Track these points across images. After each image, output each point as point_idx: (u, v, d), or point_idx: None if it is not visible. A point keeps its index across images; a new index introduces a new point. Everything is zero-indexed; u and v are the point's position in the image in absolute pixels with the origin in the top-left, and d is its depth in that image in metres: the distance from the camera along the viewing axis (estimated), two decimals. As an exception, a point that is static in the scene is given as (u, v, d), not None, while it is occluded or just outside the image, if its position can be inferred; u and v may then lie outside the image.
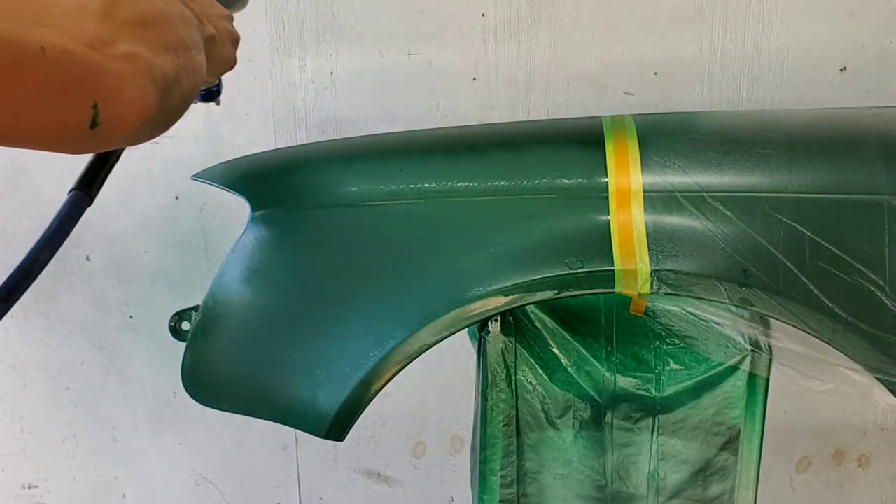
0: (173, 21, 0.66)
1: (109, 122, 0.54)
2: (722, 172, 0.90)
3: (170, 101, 0.62)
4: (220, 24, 0.89)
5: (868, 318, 0.86)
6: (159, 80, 0.59)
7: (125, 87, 0.55)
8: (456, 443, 1.71)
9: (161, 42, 0.61)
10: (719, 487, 1.04)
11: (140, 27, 0.59)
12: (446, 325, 0.93)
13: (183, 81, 0.65)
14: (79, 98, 0.52)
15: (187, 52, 0.67)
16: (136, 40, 0.57)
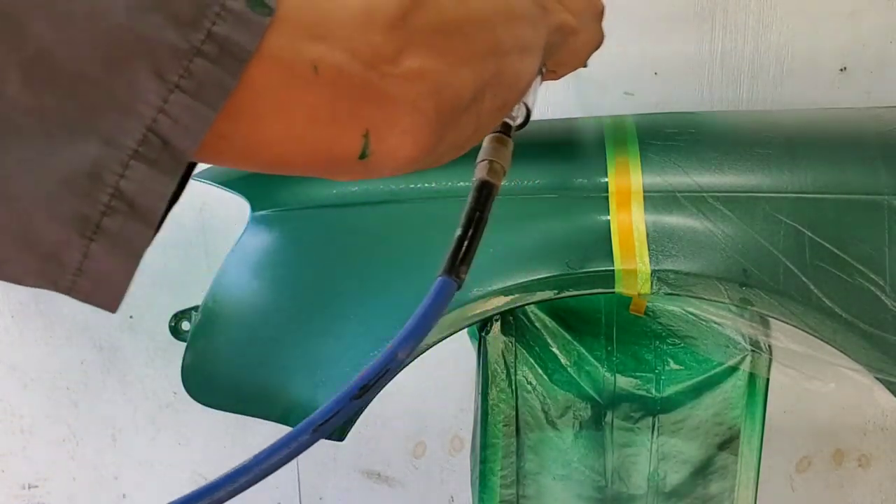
0: (489, 22, 0.55)
1: (380, 154, 0.46)
2: (722, 172, 0.90)
3: (460, 126, 0.52)
4: (579, 0, 0.73)
5: (868, 318, 0.86)
6: (447, 102, 0.49)
7: (403, 115, 0.46)
8: (456, 443, 1.71)
9: (464, 52, 0.51)
10: (719, 487, 1.04)
11: (440, 35, 0.48)
12: (446, 325, 0.93)
13: (486, 99, 0.54)
14: (350, 126, 0.44)
15: (502, 60, 0.55)
16: (429, 52, 0.47)
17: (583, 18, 0.73)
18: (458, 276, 0.62)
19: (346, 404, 0.52)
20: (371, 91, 0.44)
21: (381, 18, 0.44)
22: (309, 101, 0.42)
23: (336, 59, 0.42)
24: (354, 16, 0.44)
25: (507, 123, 0.71)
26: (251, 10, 0.39)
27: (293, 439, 0.52)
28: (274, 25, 0.40)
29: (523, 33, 0.59)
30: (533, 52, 0.61)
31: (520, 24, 0.59)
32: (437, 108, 0.47)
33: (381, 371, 0.53)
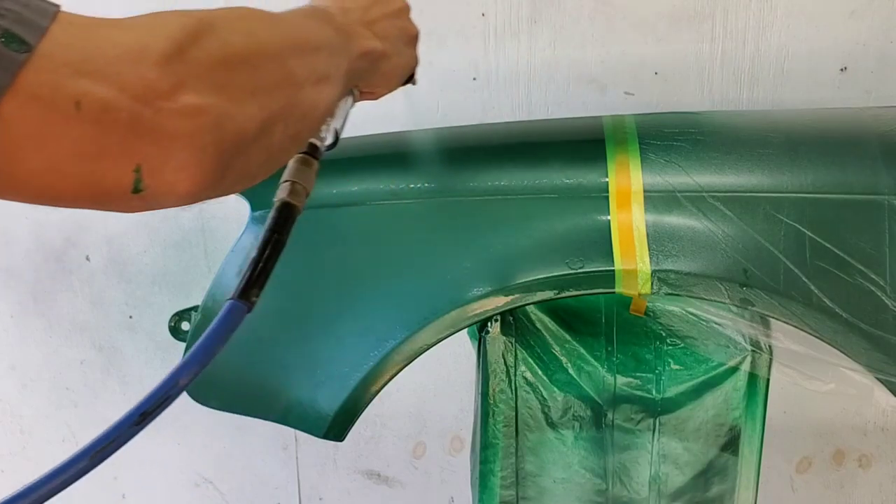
0: (279, 55, 0.54)
1: (155, 189, 0.45)
2: (722, 172, 0.90)
3: (249, 157, 0.51)
4: (391, 26, 0.75)
5: (868, 318, 0.86)
6: (230, 137, 0.47)
7: (178, 151, 0.45)
8: (456, 443, 1.71)
9: (250, 85, 0.50)
10: (719, 488, 1.04)
11: (223, 69, 0.48)
12: (446, 325, 0.93)
13: (277, 131, 0.53)
14: (119, 161, 0.43)
15: (295, 92, 0.55)
16: (209, 87, 0.46)
17: (394, 43, 0.75)
18: (250, 299, 0.60)
19: (124, 431, 0.49)
20: (142, 126, 0.43)
21: (155, 53, 0.44)
22: (72, 136, 0.41)
23: (102, 95, 0.42)
24: (126, 51, 0.43)
25: (315, 145, 0.71)
26: (5, 46, 0.40)
27: (71, 465, 0.51)
28: (32, 62, 0.40)
29: (319, 64, 0.59)
30: (331, 82, 0.61)
31: (315, 54, 0.59)
32: (218, 143, 0.46)
33: (161, 398, 0.51)
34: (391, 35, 0.74)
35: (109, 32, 0.44)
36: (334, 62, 0.62)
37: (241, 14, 0.53)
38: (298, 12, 0.63)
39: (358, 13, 0.71)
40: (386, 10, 0.75)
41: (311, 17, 0.63)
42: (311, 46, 0.59)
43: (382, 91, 0.78)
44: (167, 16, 0.47)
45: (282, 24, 0.57)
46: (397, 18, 0.76)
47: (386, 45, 0.72)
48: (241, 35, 0.51)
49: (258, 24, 0.54)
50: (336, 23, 0.65)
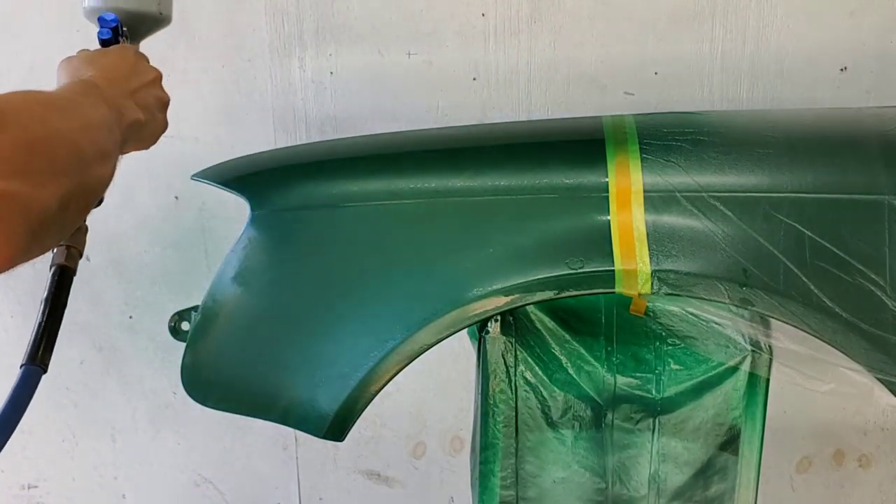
0: (69, 138, 0.59)
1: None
2: (722, 172, 0.90)
3: (50, 231, 0.55)
4: (148, 95, 0.82)
5: (868, 318, 0.86)
6: (36, 216, 0.52)
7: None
8: (456, 443, 1.71)
9: (48, 169, 0.54)
10: (719, 488, 1.04)
11: (24, 154, 0.52)
12: (446, 325, 0.93)
13: (71, 207, 0.58)
14: None
15: (85, 171, 0.60)
16: (14, 172, 0.50)
17: (151, 111, 0.81)
18: (43, 362, 0.69)
19: None
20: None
21: None
22: None
23: None
24: None
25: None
26: None
27: None
28: None
29: (102, 141, 0.64)
30: (112, 156, 0.67)
31: (98, 132, 0.64)
32: (26, 223, 0.51)
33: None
34: (149, 104, 0.81)
35: None
36: (112, 137, 0.67)
37: (28, 100, 0.57)
38: (74, 90, 0.68)
39: (121, 84, 0.77)
40: (144, 79, 0.82)
41: (86, 95, 0.68)
42: (94, 126, 0.64)
43: (140, 148, 0.84)
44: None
45: (68, 108, 0.61)
46: (153, 87, 0.84)
47: (146, 114, 0.79)
48: (37, 123, 0.55)
49: (47, 110, 0.58)
50: (106, 97, 0.70)
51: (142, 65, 0.85)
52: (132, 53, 0.85)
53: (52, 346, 0.71)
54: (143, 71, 0.83)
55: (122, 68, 0.80)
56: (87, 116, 0.64)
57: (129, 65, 0.82)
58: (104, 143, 0.65)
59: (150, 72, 0.85)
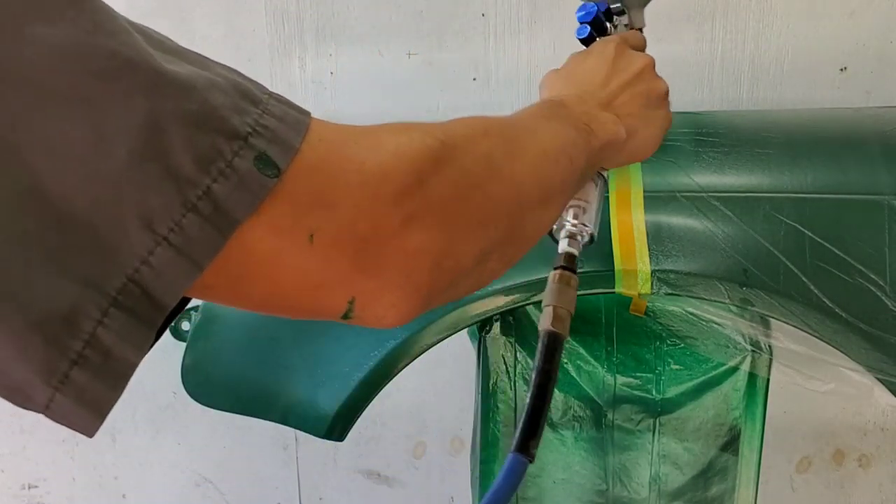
0: (513, 180, 0.50)
1: (362, 318, 0.44)
2: (722, 172, 0.90)
3: (458, 288, 0.49)
4: (633, 95, 0.69)
5: (868, 318, 0.86)
6: (446, 274, 0.45)
7: (394, 288, 0.43)
8: (456, 443, 1.71)
9: (478, 217, 0.46)
10: (719, 488, 1.04)
11: (457, 201, 0.45)
12: (446, 325, 0.93)
13: (491, 260, 0.50)
14: (336, 292, 0.42)
15: (520, 217, 0.51)
16: (439, 223, 0.43)
17: (640, 116, 0.69)
18: (529, 451, 0.57)
19: None
20: (366, 262, 0.41)
21: (396, 183, 0.41)
22: (300, 268, 0.40)
23: (335, 229, 0.40)
24: (367, 180, 0.41)
25: (572, 255, 0.66)
26: (258, 170, 0.38)
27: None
28: (279, 190, 0.38)
29: (554, 179, 0.55)
30: (561, 196, 0.57)
31: (553, 167, 0.54)
32: (433, 281, 0.44)
33: None
34: (636, 107, 0.69)
35: (354, 153, 0.41)
36: (571, 169, 0.57)
37: (479, 131, 0.49)
38: (537, 113, 0.59)
39: (597, 95, 0.66)
40: (626, 77, 0.70)
41: (550, 119, 0.58)
42: (550, 159, 0.54)
43: (640, 159, 0.73)
44: (413, 134, 0.44)
45: (520, 140, 0.52)
46: (640, 82, 0.71)
47: (630, 122, 0.67)
48: (480, 162, 0.47)
49: (497, 145, 0.50)
50: (574, 117, 0.60)
51: (624, 59, 0.72)
52: (612, 48, 0.72)
53: (540, 430, 0.58)
54: (624, 67, 0.71)
55: (599, 73, 0.69)
56: (541, 149, 0.54)
57: (606, 66, 0.70)
58: (556, 182, 0.55)
59: (633, 64, 0.72)
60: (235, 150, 0.37)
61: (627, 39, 0.77)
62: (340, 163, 0.41)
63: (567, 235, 0.67)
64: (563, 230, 0.67)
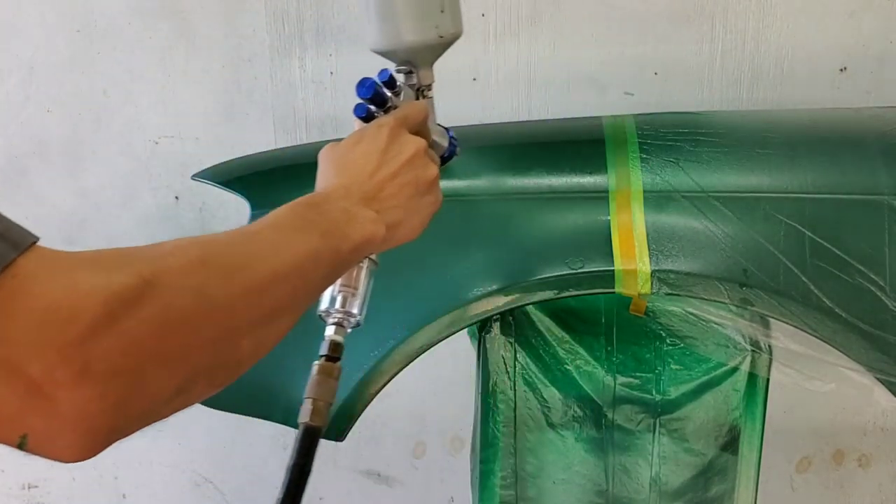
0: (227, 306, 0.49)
1: (40, 452, 0.43)
2: (722, 172, 0.90)
3: (156, 415, 0.47)
4: (402, 184, 0.69)
5: (868, 318, 0.86)
6: (134, 410, 0.44)
7: (68, 432, 0.42)
8: (456, 443, 1.71)
9: (179, 350, 0.46)
10: (719, 487, 1.04)
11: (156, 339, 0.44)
12: (446, 325, 0.93)
13: (198, 384, 0.50)
14: (6, 425, 0.41)
15: (237, 341, 0.51)
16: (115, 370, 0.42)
17: (407, 206, 0.70)
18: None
19: None
20: (36, 402, 0.40)
21: (77, 331, 0.41)
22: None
23: (7, 367, 0.40)
24: (47, 323, 0.40)
25: (336, 343, 0.69)
26: None
27: None
28: None
29: (278, 300, 0.55)
30: (293, 310, 0.57)
31: (277, 289, 0.54)
32: (114, 422, 0.43)
33: None
34: (403, 198, 0.69)
35: (46, 292, 0.41)
36: (304, 286, 0.58)
37: (196, 262, 0.48)
38: (283, 223, 0.58)
39: (364, 187, 0.67)
40: (395, 166, 0.70)
41: (296, 230, 0.58)
42: (280, 279, 0.54)
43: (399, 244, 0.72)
44: (113, 275, 0.43)
45: (244, 267, 0.52)
46: (410, 171, 0.71)
47: (395, 214, 0.68)
48: (189, 296, 0.46)
49: (214, 276, 0.49)
50: (329, 220, 0.61)
51: (395, 146, 0.72)
52: (385, 135, 0.72)
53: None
54: (395, 155, 0.71)
55: (369, 163, 0.69)
56: (270, 269, 0.53)
57: (377, 154, 0.70)
58: (283, 300, 0.55)
59: (404, 153, 0.71)
60: None
61: (406, 120, 0.76)
62: (27, 301, 0.41)
63: (334, 323, 0.69)
64: (330, 317, 0.70)
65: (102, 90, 1.52)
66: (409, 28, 0.82)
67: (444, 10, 0.82)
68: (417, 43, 0.82)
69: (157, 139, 1.55)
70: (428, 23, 0.82)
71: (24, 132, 1.59)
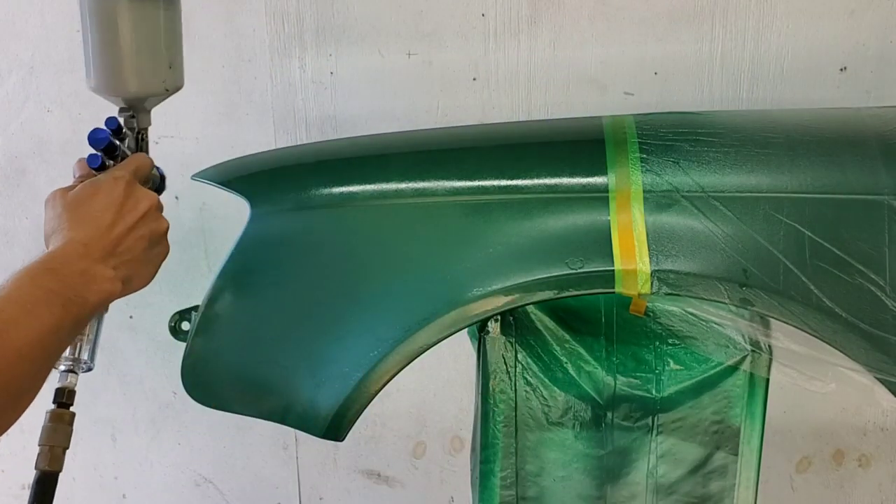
0: None
1: None
2: (722, 172, 0.90)
3: None
4: (137, 238, 0.74)
5: (868, 318, 0.86)
6: None
7: None
8: (456, 443, 1.71)
9: None
10: (719, 487, 1.04)
11: None
12: (446, 325, 0.93)
13: None
14: None
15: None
16: None
17: (141, 259, 0.74)
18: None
19: None
20: None
21: None
22: None
23: None
24: None
25: (66, 390, 0.72)
26: None
27: None
28: None
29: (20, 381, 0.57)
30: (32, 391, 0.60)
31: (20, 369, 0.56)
32: None
33: None
34: (138, 251, 0.74)
35: None
36: (45, 362, 0.60)
37: None
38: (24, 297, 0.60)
39: (102, 242, 0.70)
40: (132, 220, 0.74)
41: (37, 304, 0.60)
42: (24, 355, 0.57)
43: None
44: None
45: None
46: (144, 225, 0.76)
47: (130, 267, 0.73)
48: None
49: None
50: (68, 287, 0.63)
51: (131, 201, 0.76)
52: (121, 190, 0.76)
53: None
54: (130, 209, 0.75)
55: (107, 217, 0.73)
56: (15, 347, 0.56)
57: (114, 209, 0.74)
58: (26, 380, 0.59)
59: (139, 208, 0.76)
60: None
61: (138, 172, 0.80)
62: None
63: (66, 370, 0.73)
64: (61, 364, 0.73)
65: (102, 90, 1.52)
66: (136, 81, 0.84)
67: (172, 66, 0.86)
68: (142, 94, 0.85)
69: (156, 139, 1.55)
70: (156, 78, 0.85)
71: (24, 132, 1.59)
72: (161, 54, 0.85)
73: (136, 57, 0.83)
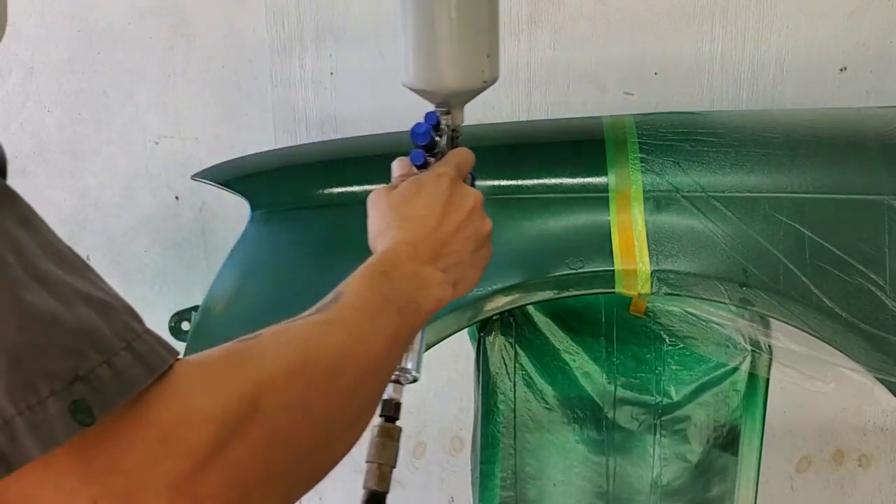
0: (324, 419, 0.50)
1: None
2: (722, 172, 0.90)
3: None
4: (464, 239, 0.68)
5: (868, 318, 0.86)
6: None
7: None
8: (456, 443, 1.71)
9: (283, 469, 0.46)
10: (719, 488, 1.04)
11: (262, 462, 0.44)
12: (446, 325, 0.93)
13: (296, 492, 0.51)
14: None
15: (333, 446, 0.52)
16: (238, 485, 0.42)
17: (466, 261, 0.69)
18: None
19: None
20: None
21: (184, 462, 0.40)
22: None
23: (115, 498, 0.39)
24: (161, 451, 0.39)
25: (393, 402, 0.67)
26: (71, 415, 0.37)
27: None
28: (81, 442, 0.37)
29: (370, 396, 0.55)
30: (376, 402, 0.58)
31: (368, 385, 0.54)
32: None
33: None
34: (466, 253, 0.69)
35: (164, 419, 0.40)
36: (388, 375, 0.58)
37: (297, 366, 0.48)
38: (366, 306, 0.57)
39: (429, 242, 0.66)
40: (458, 219, 0.69)
41: (379, 313, 0.57)
42: (370, 372, 0.54)
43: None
44: (219, 393, 0.43)
45: (341, 369, 0.51)
46: (471, 224, 0.70)
47: (458, 271, 0.68)
48: (291, 412, 0.46)
49: (314, 383, 0.48)
50: (402, 292, 0.60)
51: (456, 198, 0.70)
52: (446, 186, 0.70)
53: None
54: (456, 207, 0.70)
55: (433, 215, 0.68)
56: (363, 362, 0.53)
57: (440, 207, 0.69)
58: (375, 395, 0.56)
59: (465, 205, 0.70)
60: (54, 389, 0.37)
61: (461, 169, 0.75)
62: (144, 430, 0.40)
63: (392, 381, 0.69)
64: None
65: (102, 90, 1.52)
66: (454, 73, 0.78)
67: (490, 56, 0.78)
68: (462, 88, 0.78)
69: (156, 139, 1.55)
70: (475, 69, 0.78)
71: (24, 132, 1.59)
72: (483, 43, 0.77)
73: (449, 48, 0.77)
